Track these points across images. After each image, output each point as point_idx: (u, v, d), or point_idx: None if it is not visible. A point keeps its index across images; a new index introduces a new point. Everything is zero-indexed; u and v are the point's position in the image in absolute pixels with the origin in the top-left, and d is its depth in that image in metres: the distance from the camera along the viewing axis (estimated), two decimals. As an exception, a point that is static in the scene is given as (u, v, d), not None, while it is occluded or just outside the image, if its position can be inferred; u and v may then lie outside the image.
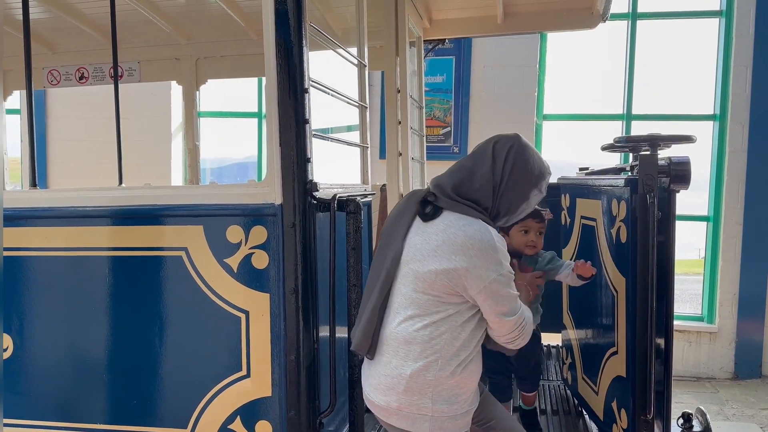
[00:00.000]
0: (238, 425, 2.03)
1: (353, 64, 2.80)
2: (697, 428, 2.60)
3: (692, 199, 6.36)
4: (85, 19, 3.85)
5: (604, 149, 2.51)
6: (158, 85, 6.10)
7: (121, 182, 3.44)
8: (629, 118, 6.20)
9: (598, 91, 8.66)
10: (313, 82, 2.04)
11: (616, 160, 4.97)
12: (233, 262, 1.99)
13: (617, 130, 6.23)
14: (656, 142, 2.14)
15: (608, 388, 2.56)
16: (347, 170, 2.89)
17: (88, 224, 2.13)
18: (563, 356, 3.42)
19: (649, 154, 2.15)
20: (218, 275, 2.01)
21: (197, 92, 4.50)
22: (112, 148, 3.44)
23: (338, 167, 2.95)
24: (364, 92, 2.83)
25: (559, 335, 3.48)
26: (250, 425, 2.03)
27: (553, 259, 2.56)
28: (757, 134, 5.80)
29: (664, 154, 2.19)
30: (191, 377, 2.07)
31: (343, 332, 2.13)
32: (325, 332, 2.08)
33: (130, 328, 2.12)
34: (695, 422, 2.61)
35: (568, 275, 2.49)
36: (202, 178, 4.88)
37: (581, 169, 3.24)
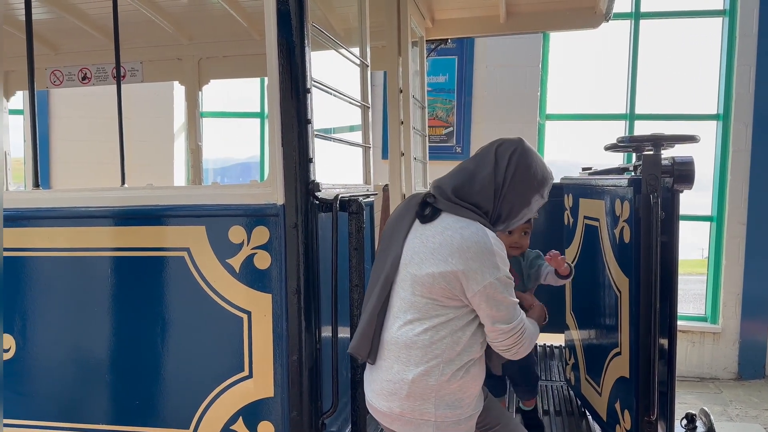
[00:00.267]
0: (240, 426, 2.03)
1: (355, 64, 2.80)
2: (700, 429, 2.59)
3: (695, 198, 6.33)
4: (87, 19, 3.86)
5: (607, 149, 2.50)
6: (161, 85, 6.11)
7: (123, 182, 3.44)
8: (632, 117, 6.18)
9: (601, 90, 8.65)
10: (315, 82, 2.04)
11: (619, 160, 4.95)
12: (235, 262, 1.99)
13: (620, 129, 6.21)
14: (659, 141, 2.13)
15: (611, 388, 2.55)
16: (349, 170, 2.89)
17: (90, 225, 2.14)
18: (566, 357, 3.41)
19: (652, 154, 2.14)
20: (220, 275, 2.01)
21: (200, 92, 4.50)
22: (114, 148, 3.44)
23: (340, 167, 2.95)
24: (366, 92, 2.83)
25: (562, 335, 3.48)
26: (252, 426, 2.03)
27: (537, 257, 2.44)
28: (760, 134, 5.77)
29: (667, 154, 2.18)
30: (193, 378, 2.07)
31: (345, 333, 2.12)
32: (327, 333, 2.07)
33: (132, 328, 2.13)
34: (699, 423, 2.61)
35: (547, 275, 2.39)
36: (204, 178, 4.88)
37: (584, 169, 3.23)
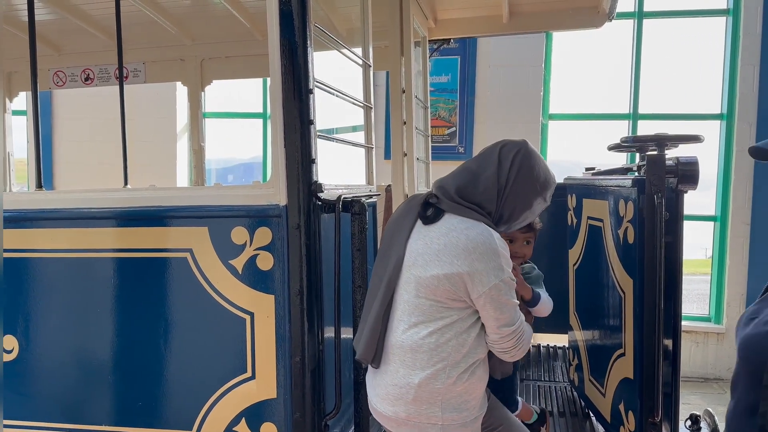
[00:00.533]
0: (243, 427, 2.03)
1: (358, 64, 2.80)
2: (705, 430, 2.57)
3: (699, 198, 6.32)
4: (90, 20, 3.86)
5: (610, 149, 2.49)
6: (163, 86, 6.11)
7: (126, 183, 3.45)
8: (636, 117, 6.17)
9: (604, 90, 8.64)
10: (317, 82, 2.03)
11: (622, 160, 4.95)
12: (238, 263, 1.99)
13: (624, 129, 6.20)
14: (663, 141, 2.12)
15: (615, 389, 2.54)
16: (352, 171, 2.89)
17: (93, 226, 2.13)
18: (570, 357, 3.40)
19: (656, 154, 2.14)
20: (223, 276, 2.00)
21: (202, 93, 4.50)
22: (117, 148, 3.45)
23: (343, 168, 2.94)
24: (369, 92, 2.82)
25: (565, 336, 3.46)
26: (255, 427, 2.02)
27: (531, 269, 2.31)
28: (764, 133, 5.74)
29: (671, 154, 2.17)
30: (196, 379, 2.06)
31: (348, 334, 2.12)
32: (330, 334, 2.07)
33: (135, 329, 2.12)
34: (703, 424, 2.59)
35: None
36: (207, 179, 4.88)
37: (588, 169, 3.22)
